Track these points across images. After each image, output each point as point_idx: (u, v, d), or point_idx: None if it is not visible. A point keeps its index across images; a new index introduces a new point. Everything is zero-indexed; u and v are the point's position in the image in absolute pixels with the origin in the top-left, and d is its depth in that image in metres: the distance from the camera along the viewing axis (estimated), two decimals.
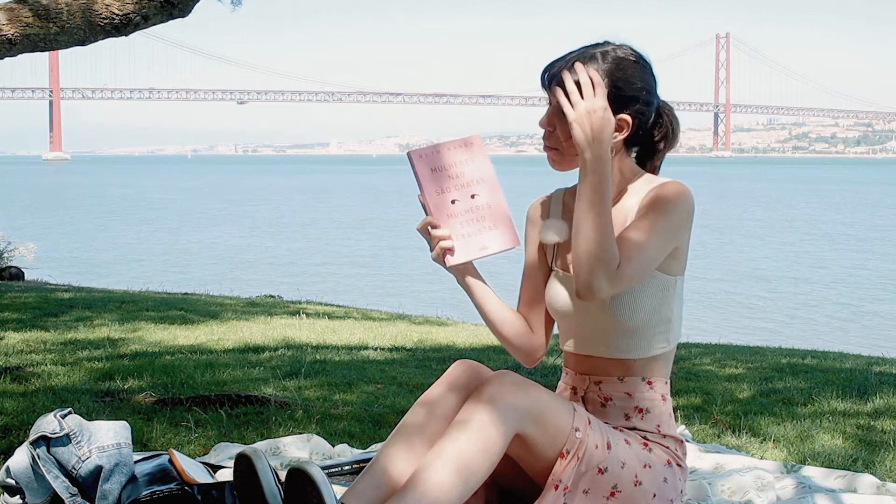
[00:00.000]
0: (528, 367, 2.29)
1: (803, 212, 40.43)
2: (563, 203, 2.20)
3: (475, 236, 2.04)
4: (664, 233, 1.98)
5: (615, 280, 1.92)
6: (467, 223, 2.04)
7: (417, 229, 2.06)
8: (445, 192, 2.04)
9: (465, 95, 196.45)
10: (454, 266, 2.07)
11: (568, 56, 2.05)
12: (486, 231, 2.04)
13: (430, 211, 2.04)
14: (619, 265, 1.92)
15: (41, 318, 6.50)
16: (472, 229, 2.04)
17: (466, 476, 1.88)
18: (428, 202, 2.04)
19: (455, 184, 2.04)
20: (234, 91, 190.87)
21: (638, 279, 1.97)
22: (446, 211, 2.04)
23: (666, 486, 2.06)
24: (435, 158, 2.04)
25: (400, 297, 14.50)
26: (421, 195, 2.05)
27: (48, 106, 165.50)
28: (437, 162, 2.03)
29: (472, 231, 2.04)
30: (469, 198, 2.04)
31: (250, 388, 3.94)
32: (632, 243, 1.95)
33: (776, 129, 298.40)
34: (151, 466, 2.29)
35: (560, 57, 2.07)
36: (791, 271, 21.68)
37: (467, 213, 2.04)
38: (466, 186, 2.04)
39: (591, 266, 1.92)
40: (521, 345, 2.21)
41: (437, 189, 2.03)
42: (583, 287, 1.94)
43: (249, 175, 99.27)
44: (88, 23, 3.55)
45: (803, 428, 3.44)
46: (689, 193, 2.02)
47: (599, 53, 2.03)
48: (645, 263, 1.96)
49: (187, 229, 32.17)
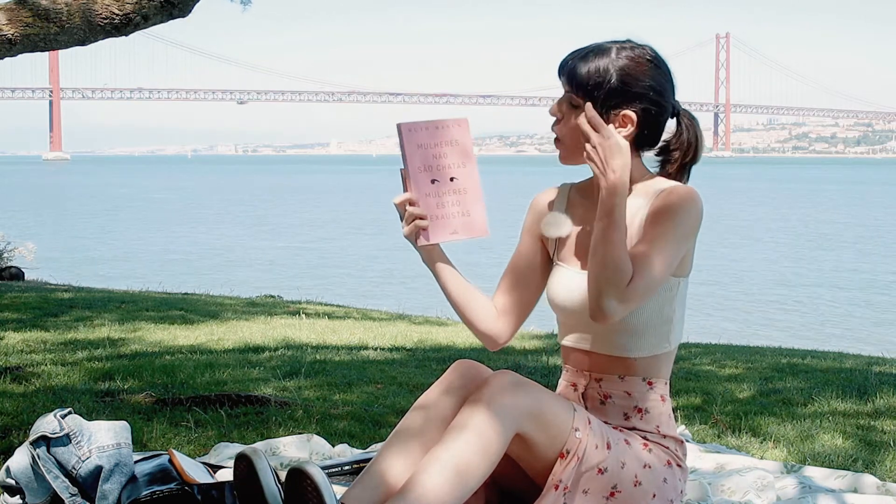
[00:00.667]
0: (492, 350, 2.29)
1: (802, 212, 40.42)
2: (567, 198, 2.21)
3: (448, 219, 2.03)
4: (674, 243, 1.98)
5: (626, 301, 1.93)
6: (442, 205, 2.03)
7: (394, 203, 2.05)
8: (426, 170, 2.02)
9: (465, 95, 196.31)
10: (423, 246, 2.07)
11: (585, 48, 2.07)
12: (459, 216, 2.03)
13: (409, 187, 2.03)
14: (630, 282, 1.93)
15: (41, 318, 6.50)
16: (446, 212, 2.03)
17: (463, 479, 1.88)
18: (408, 177, 2.03)
19: (438, 164, 2.03)
20: (234, 91, 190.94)
21: (649, 295, 1.98)
22: (424, 190, 2.03)
23: (666, 486, 2.06)
24: (423, 135, 2.02)
25: (400, 297, 14.49)
26: (403, 169, 2.04)
27: (48, 106, 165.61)
28: (424, 139, 2.02)
29: (445, 214, 2.03)
30: (448, 180, 2.03)
31: (250, 388, 3.94)
32: (643, 261, 1.96)
33: (776, 129, 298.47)
34: (151, 466, 2.29)
35: (578, 49, 2.08)
36: (792, 271, 21.67)
37: (444, 196, 2.03)
38: (447, 168, 2.03)
39: (602, 289, 1.93)
40: (486, 329, 2.20)
41: (420, 166, 2.02)
42: (595, 310, 1.95)
43: (249, 175, 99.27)
44: (88, 23, 3.54)
45: (803, 428, 3.44)
46: (698, 198, 2.02)
47: (615, 48, 2.05)
48: (656, 280, 1.97)
49: (187, 229, 32.16)
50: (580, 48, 2.08)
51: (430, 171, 2.03)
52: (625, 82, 2.02)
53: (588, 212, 2.14)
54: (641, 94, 2.03)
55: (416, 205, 2.03)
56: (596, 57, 2.03)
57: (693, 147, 2.14)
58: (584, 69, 2.02)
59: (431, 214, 2.03)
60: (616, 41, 2.07)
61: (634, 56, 2.04)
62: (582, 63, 2.03)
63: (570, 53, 2.08)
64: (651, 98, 2.04)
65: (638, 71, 2.03)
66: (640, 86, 2.03)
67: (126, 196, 52.82)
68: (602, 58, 2.03)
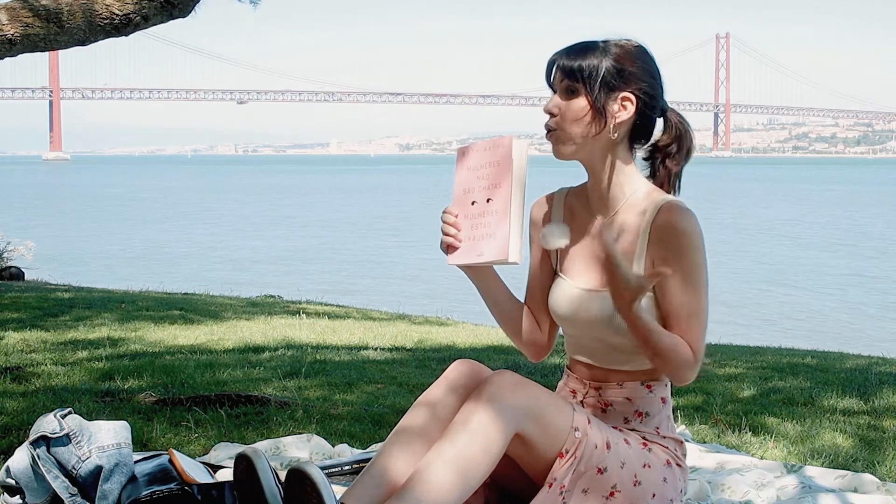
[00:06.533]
0: (535, 362, 2.30)
1: (802, 212, 40.41)
2: (564, 204, 2.19)
3: (477, 241, 2.01)
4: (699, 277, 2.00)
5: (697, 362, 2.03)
6: (476, 226, 2.02)
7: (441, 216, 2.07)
8: (469, 192, 2.03)
9: (465, 95, 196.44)
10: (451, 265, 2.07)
11: (572, 45, 2.07)
12: (487, 238, 2.00)
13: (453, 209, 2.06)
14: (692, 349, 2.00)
15: (41, 318, 6.50)
16: (477, 233, 2.02)
17: (466, 476, 1.88)
18: (453, 199, 2.06)
19: (480, 185, 2.02)
20: (234, 91, 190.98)
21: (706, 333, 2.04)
22: (464, 211, 2.04)
23: (665, 486, 2.05)
24: (474, 157, 2.04)
25: (400, 297, 14.48)
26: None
27: (48, 106, 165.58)
28: (475, 161, 2.03)
29: (476, 235, 2.02)
30: (485, 202, 2.01)
31: (250, 388, 3.94)
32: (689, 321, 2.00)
33: (776, 129, 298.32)
34: (151, 466, 2.29)
35: (565, 47, 2.08)
36: (792, 271, 21.67)
37: (478, 217, 2.01)
38: (487, 189, 2.01)
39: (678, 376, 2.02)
40: (528, 341, 2.22)
41: (464, 188, 2.04)
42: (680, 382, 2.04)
43: (249, 174, 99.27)
44: (88, 23, 3.54)
45: (804, 428, 3.44)
46: (695, 219, 2.00)
47: (602, 42, 2.06)
48: (706, 320, 2.02)
49: (187, 229, 32.18)
50: (566, 46, 2.08)
51: (472, 193, 2.03)
52: (620, 65, 2.02)
53: (586, 219, 2.13)
54: (637, 75, 2.02)
55: (455, 225, 2.04)
56: (586, 48, 2.04)
57: (686, 143, 2.12)
58: (577, 60, 2.02)
59: (465, 236, 2.03)
60: (602, 38, 2.08)
61: (623, 45, 2.05)
62: (573, 55, 2.03)
63: (556, 52, 2.08)
64: (646, 80, 2.04)
65: (630, 56, 2.03)
66: (635, 67, 2.03)
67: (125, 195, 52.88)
68: (592, 48, 2.04)
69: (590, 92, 2.00)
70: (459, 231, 2.03)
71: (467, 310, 10.71)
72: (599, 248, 2.05)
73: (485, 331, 7.42)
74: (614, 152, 2.06)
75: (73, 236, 29.26)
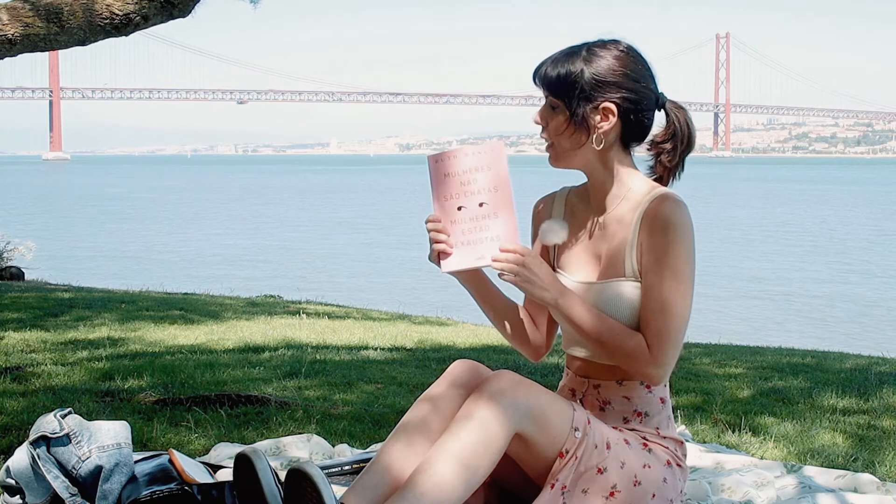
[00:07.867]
0: (534, 361, 2.31)
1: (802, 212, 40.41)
2: (565, 202, 2.21)
3: (474, 245, 2.01)
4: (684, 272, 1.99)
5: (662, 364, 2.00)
6: (469, 231, 2.01)
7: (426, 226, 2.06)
8: (453, 198, 2.02)
9: (465, 95, 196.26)
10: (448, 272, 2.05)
11: (556, 53, 2.08)
12: (487, 241, 2.00)
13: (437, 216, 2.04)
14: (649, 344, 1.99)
15: (41, 318, 6.50)
16: (473, 238, 2.01)
17: (469, 473, 1.88)
18: (434, 207, 2.04)
19: (465, 190, 2.01)
20: (234, 91, 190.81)
21: (683, 333, 2.02)
22: (450, 217, 2.02)
23: (665, 486, 2.06)
24: (449, 163, 2.02)
25: (400, 297, 14.48)
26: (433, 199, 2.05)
27: (48, 106, 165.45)
28: (450, 167, 2.02)
29: (472, 240, 2.01)
30: (476, 206, 2.00)
31: (250, 388, 3.94)
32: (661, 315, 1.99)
33: (776, 129, 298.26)
34: (151, 466, 2.29)
35: (548, 57, 2.09)
36: (792, 271, 21.67)
37: (471, 222, 2.01)
38: (476, 194, 2.00)
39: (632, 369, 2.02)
40: (525, 341, 2.23)
41: (445, 195, 2.02)
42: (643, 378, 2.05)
43: (248, 175, 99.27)
44: (89, 23, 3.55)
45: (803, 427, 3.44)
46: (686, 210, 2.01)
47: (585, 47, 2.06)
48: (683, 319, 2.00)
49: (186, 229, 32.18)
50: (552, 54, 2.10)
51: (457, 199, 2.02)
52: (597, 75, 2.02)
53: (585, 217, 2.15)
54: (617, 83, 2.03)
55: (443, 231, 2.02)
56: (566, 58, 2.05)
57: (685, 136, 2.12)
58: (556, 71, 2.04)
59: (458, 241, 2.02)
60: (586, 42, 2.09)
61: (605, 50, 2.05)
62: (552, 66, 2.05)
63: (540, 62, 2.09)
64: (628, 86, 2.03)
65: (610, 63, 2.03)
66: (614, 75, 2.03)
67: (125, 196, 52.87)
68: (572, 57, 2.04)
69: (568, 106, 2.03)
70: (449, 237, 2.02)
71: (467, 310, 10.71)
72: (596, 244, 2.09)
73: (485, 331, 7.43)
74: (608, 156, 2.08)
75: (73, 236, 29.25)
